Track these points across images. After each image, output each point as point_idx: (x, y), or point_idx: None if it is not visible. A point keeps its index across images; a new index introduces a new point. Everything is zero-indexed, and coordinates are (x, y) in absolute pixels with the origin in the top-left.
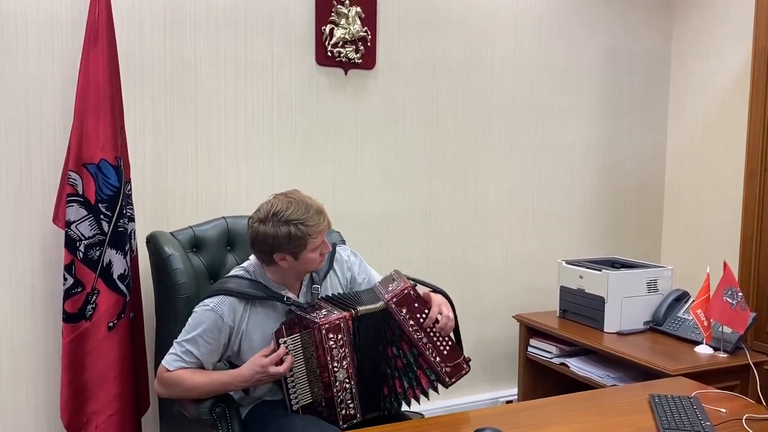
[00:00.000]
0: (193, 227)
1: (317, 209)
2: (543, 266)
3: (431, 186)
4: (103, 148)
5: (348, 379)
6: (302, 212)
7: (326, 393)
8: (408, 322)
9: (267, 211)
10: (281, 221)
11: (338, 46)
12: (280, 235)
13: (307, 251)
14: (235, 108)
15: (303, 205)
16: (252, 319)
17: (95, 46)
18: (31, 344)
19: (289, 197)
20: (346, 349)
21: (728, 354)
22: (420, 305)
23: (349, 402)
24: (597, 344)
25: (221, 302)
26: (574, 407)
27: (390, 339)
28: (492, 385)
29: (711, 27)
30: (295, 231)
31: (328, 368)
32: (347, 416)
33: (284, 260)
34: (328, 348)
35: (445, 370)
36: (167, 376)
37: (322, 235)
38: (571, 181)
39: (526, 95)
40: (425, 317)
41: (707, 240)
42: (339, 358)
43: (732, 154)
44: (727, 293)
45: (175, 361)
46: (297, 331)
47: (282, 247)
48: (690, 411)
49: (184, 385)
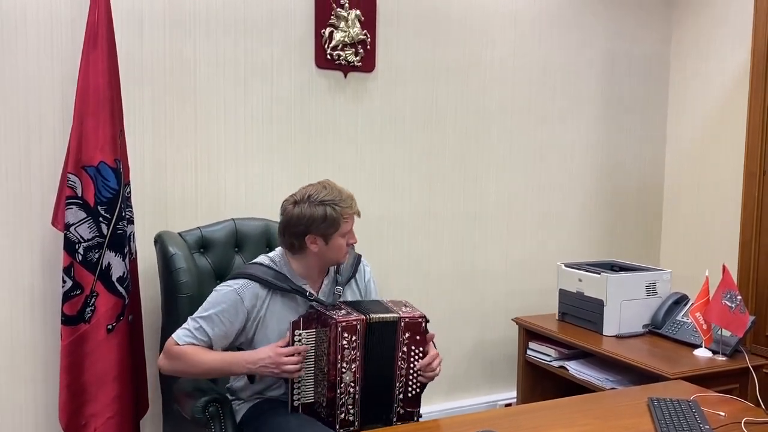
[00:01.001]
0: (201, 228)
1: (349, 195)
2: (542, 269)
3: (430, 188)
4: (103, 151)
5: (353, 383)
6: (335, 195)
7: (329, 393)
8: (402, 347)
9: (302, 195)
10: (316, 202)
11: (338, 49)
12: (315, 215)
13: (338, 235)
14: (235, 110)
15: (336, 189)
16: (271, 308)
17: (95, 48)
18: (30, 346)
19: (323, 183)
20: (357, 353)
21: (727, 357)
22: (421, 340)
23: (350, 407)
24: (596, 347)
25: (245, 286)
26: (573, 410)
27: (389, 351)
28: (491, 387)
29: (710, 29)
30: (331, 212)
31: (336, 367)
32: (345, 421)
33: (314, 244)
34: (341, 347)
35: (398, 411)
36: (175, 348)
37: (351, 221)
38: (570, 183)
39: (525, 97)
40: (418, 355)
41: (706, 243)
42: (349, 360)
43: (731, 156)
44: (726, 296)
45: (185, 336)
46: (314, 326)
47: (316, 226)
48: (689, 414)
49: (189, 360)
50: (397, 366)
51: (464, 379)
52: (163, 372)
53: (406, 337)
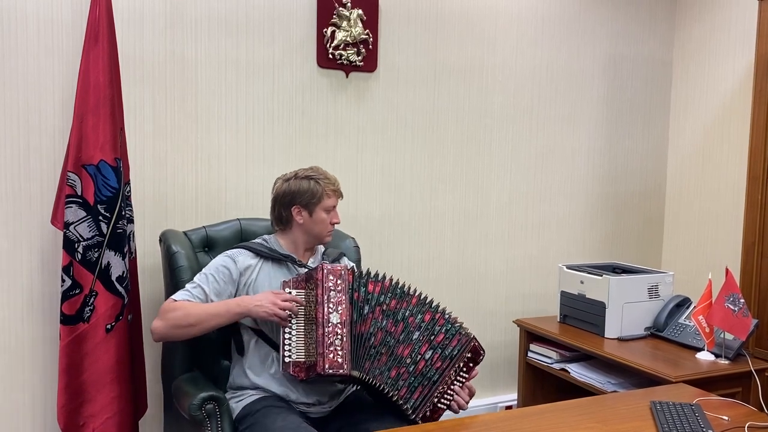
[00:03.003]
0: (206, 227)
1: (334, 177)
2: (543, 271)
3: (432, 189)
4: (103, 149)
5: (341, 325)
6: (321, 174)
7: (317, 330)
8: (463, 357)
9: (292, 173)
10: (302, 177)
11: (339, 49)
12: (301, 187)
13: (320, 208)
14: (236, 109)
15: (322, 171)
16: (262, 274)
17: (95, 46)
18: (29, 346)
19: (312, 167)
20: (343, 296)
21: (730, 361)
22: (473, 366)
23: (338, 348)
24: (597, 350)
25: (238, 252)
26: (574, 413)
27: (433, 341)
28: (491, 390)
29: (713, 34)
30: (314, 185)
31: (323, 307)
32: (334, 362)
33: (300, 215)
34: (326, 288)
35: (426, 411)
36: (171, 304)
37: (335, 199)
38: (572, 186)
39: (527, 100)
40: (467, 373)
41: (708, 246)
42: (335, 302)
43: (734, 160)
44: (729, 300)
45: (182, 294)
46: (303, 287)
47: (301, 196)
48: (692, 418)
49: (184, 310)
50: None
51: None
52: (157, 334)
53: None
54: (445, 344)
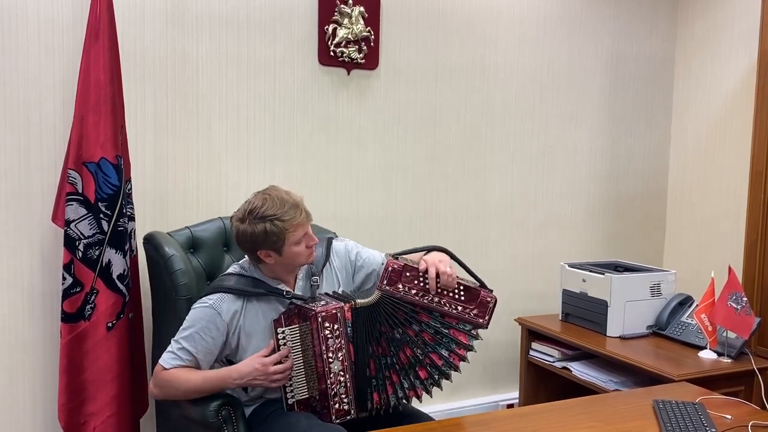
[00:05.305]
0: (190, 227)
1: (293, 203)
2: (545, 270)
3: (433, 187)
4: (104, 147)
5: (343, 372)
6: (277, 208)
7: (320, 384)
8: (410, 292)
9: (244, 210)
10: (257, 218)
11: (341, 46)
12: (257, 232)
13: (289, 245)
14: (237, 107)
15: (278, 200)
16: (249, 315)
17: (96, 43)
18: (29, 344)
19: (266, 194)
20: (342, 341)
21: (732, 359)
22: (412, 273)
23: (343, 396)
24: (599, 348)
25: (220, 299)
26: (576, 412)
27: (405, 319)
28: (493, 388)
29: (715, 31)
30: (271, 227)
31: (323, 358)
32: (340, 411)
33: (269, 257)
34: (324, 338)
35: (473, 313)
36: (163, 374)
37: (302, 228)
38: (574, 185)
39: (529, 98)
40: (424, 280)
41: (711, 245)
42: (335, 349)
43: (736, 158)
44: (731, 298)
45: (171, 359)
46: (296, 322)
47: (262, 243)
48: (695, 417)
49: (178, 384)
50: (428, 303)
51: (466, 380)
52: (157, 399)
53: (402, 287)
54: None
